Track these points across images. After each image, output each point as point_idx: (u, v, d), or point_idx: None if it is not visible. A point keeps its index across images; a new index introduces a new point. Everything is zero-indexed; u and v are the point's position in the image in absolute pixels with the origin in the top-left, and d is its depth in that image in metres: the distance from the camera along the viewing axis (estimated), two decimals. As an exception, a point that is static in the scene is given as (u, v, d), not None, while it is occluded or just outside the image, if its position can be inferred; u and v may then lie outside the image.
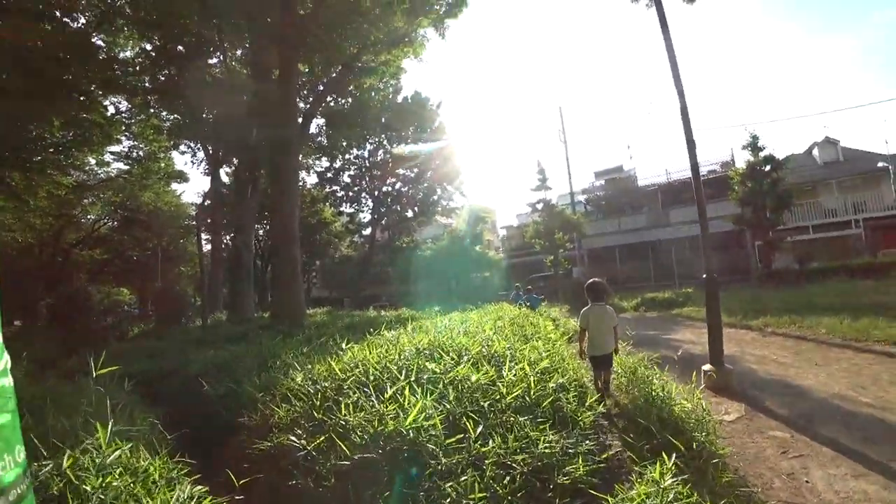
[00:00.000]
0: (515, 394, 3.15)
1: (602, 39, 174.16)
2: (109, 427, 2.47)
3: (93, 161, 22.78)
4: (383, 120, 27.73)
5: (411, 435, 2.55)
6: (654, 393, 3.96)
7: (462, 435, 2.65)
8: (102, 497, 1.96)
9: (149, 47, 18.21)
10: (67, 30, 14.75)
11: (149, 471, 2.35)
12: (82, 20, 15.86)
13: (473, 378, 3.28)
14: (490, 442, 2.61)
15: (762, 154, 19.69)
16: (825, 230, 24.26)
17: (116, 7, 15.63)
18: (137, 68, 17.88)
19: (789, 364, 6.82)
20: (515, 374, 3.51)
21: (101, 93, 17.10)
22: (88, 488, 1.97)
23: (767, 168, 19.56)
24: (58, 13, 14.41)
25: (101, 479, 2.04)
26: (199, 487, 2.37)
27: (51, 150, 18.62)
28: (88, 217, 30.26)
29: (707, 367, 5.83)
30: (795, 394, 5.32)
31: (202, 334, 12.65)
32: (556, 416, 3.22)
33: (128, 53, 18.33)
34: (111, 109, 19.01)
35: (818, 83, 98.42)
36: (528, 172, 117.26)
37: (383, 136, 30.65)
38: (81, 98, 15.93)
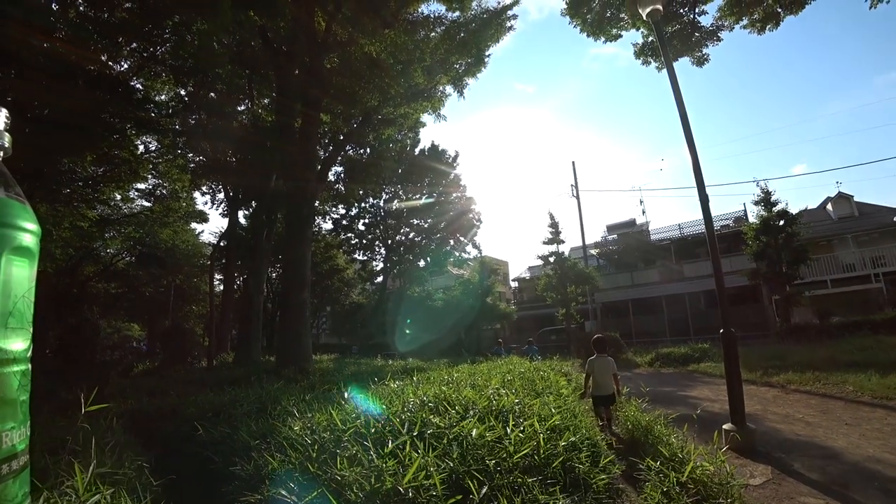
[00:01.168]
0: (524, 452, 2.96)
1: (615, 96, 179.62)
2: (91, 469, 2.33)
3: (118, 196, 23.55)
4: (400, 171, 28.40)
5: (410, 494, 2.37)
6: (671, 454, 3.70)
7: (465, 497, 2.45)
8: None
9: (183, 92, 19.21)
10: (110, 72, 15.61)
11: (127, 520, 2.18)
12: (125, 65, 16.92)
13: (477, 434, 3.08)
14: (495, 504, 2.41)
15: (775, 209, 19.60)
16: (844, 284, 23.69)
17: (157, 56, 16.65)
18: (170, 111, 18.83)
19: (816, 424, 6.40)
20: (524, 431, 3.30)
21: (134, 132, 17.90)
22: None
23: (781, 222, 19.42)
24: (103, 57, 15.36)
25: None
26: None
27: (80, 183, 19.35)
28: (108, 251, 30.86)
29: (728, 426, 5.46)
30: (826, 456, 4.92)
31: (206, 375, 12.50)
32: (568, 478, 3.00)
33: (163, 97, 19.30)
34: (141, 148, 19.82)
35: (828, 139, 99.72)
36: (540, 225, 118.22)
37: (399, 186, 31.29)
38: (115, 136, 16.67)
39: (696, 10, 13.33)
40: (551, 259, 25.54)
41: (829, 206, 29.66)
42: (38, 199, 18.53)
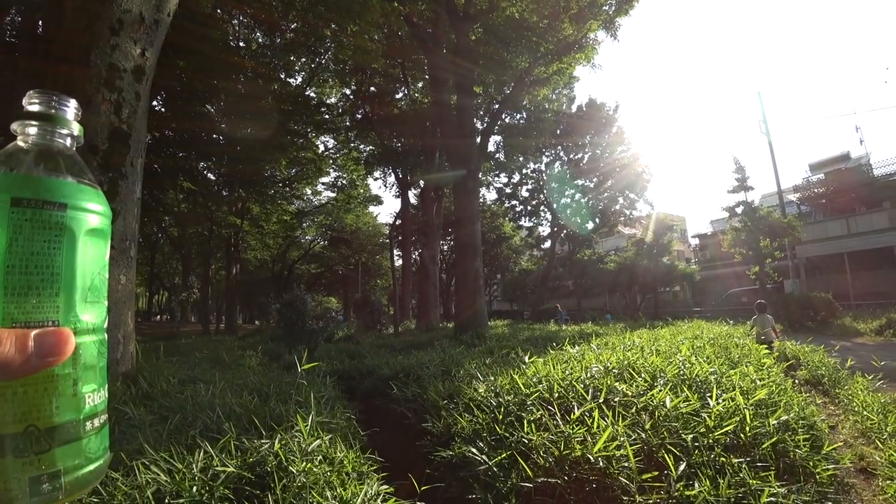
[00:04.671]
0: (726, 429, 2.62)
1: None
2: (311, 418, 2.74)
3: (308, 191, 28.03)
4: (559, 131, 27.36)
5: (601, 464, 2.27)
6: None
7: (660, 472, 2.27)
8: (304, 480, 2.15)
9: (347, 92, 21.38)
10: (288, 88, 18.18)
11: (343, 462, 2.53)
12: (299, 79, 19.55)
13: (671, 405, 2.82)
14: (696, 484, 2.18)
15: None
16: None
17: (322, 64, 18.76)
18: (340, 110, 21.25)
19: None
20: (724, 405, 2.92)
21: (314, 134, 20.68)
22: (294, 470, 2.18)
23: None
24: (282, 75, 17.93)
25: (305, 464, 2.25)
26: (385, 487, 2.46)
27: (279, 184, 23.22)
28: (306, 238, 36.51)
29: None
30: None
31: (393, 340, 13.98)
32: (781, 463, 2.59)
33: (332, 99, 21.79)
34: (321, 147, 22.90)
35: None
36: (723, 173, 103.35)
37: (560, 147, 30.18)
38: (300, 140, 19.45)
39: None
40: (738, 210, 22.14)
41: None
42: (253, 201, 22.94)
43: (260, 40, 17.37)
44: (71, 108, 0.48)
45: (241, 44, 17.06)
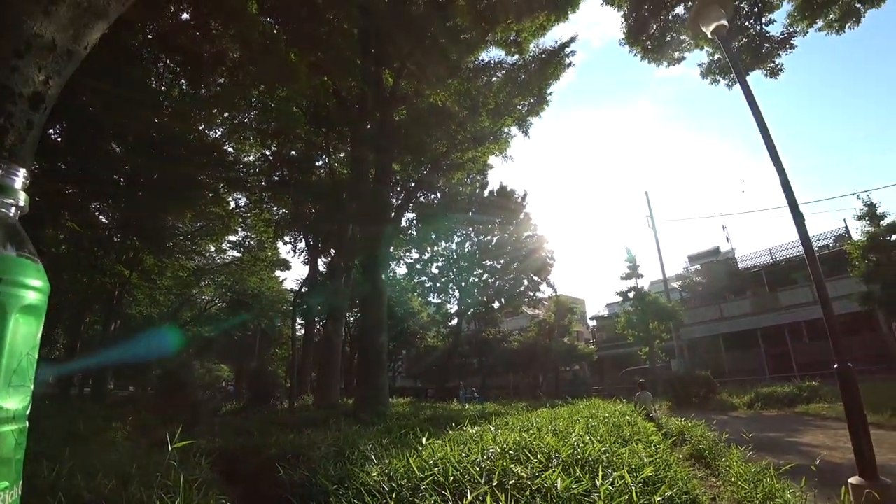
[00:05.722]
0: (615, 508, 2.68)
1: (687, 119, 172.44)
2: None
3: (212, 248, 26.18)
4: (470, 213, 28.77)
5: (492, 552, 2.20)
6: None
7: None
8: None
9: (267, 152, 21.09)
10: (205, 140, 17.55)
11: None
12: (219, 132, 19.00)
13: (562, 486, 2.85)
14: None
15: (884, 222, 17.36)
16: None
17: (245, 123, 18.53)
18: (257, 169, 20.75)
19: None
20: (614, 483, 3.01)
21: (226, 190, 19.84)
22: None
23: (893, 237, 17.15)
24: (201, 127, 17.33)
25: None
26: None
27: (180, 237, 21.61)
28: (203, 297, 33.65)
29: (856, 479, 4.57)
30: None
31: (287, 417, 12.93)
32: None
33: (250, 157, 21.31)
34: (232, 204, 21.90)
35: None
36: (616, 260, 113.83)
37: (470, 228, 31.60)
38: (211, 194, 18.55)
39: (764, 20, 12.68)
40: (630, 295, 24.29)
41: (953, 214, 25.78)
42: (146, 253, 20.96)
43: (184, 88, 16.80)
44: (20, 176, 0.44)
45: (163, 87, 16.32)
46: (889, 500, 4.43)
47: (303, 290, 27.55)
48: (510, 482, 2.95)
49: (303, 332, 27.48)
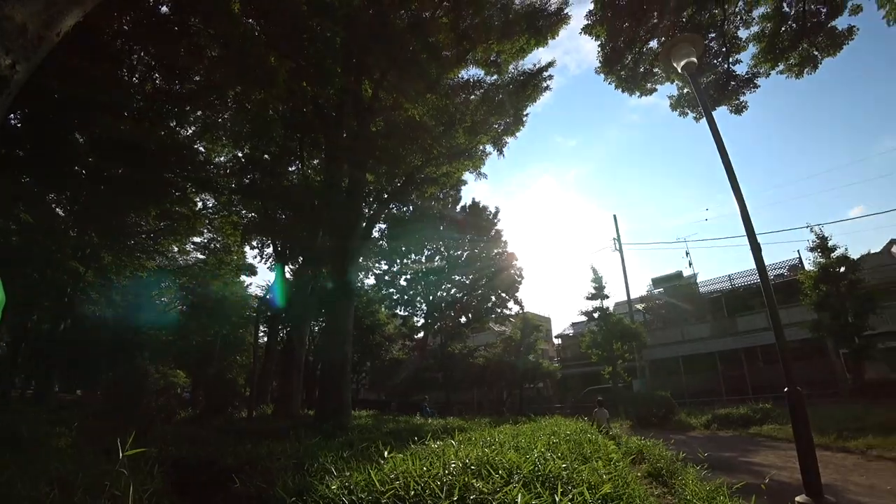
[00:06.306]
0: (573, 525, 2.71)
1: (656, 147, 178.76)
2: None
3: (175, 248, 25.23)
4: (442, 227, 28.85)
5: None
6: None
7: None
8: None
9: (240, 154, 20.64)
10: (175, 137, 17.04)
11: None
12: (190, 130, 18.48)
13: (524, 502, 2.87)
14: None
15: (834, 254, 18.40)
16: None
17: (218, 122, 18.10)
18: (228, 171, 20.23)
19: (911, 499, 5.62)
20: (573, 500, 3.05)
21: (194, 190, 19.26)
22: None
23: (842, 269, 18.18)
24: (173, 123, 16.84)
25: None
26: None
27: (143, 236, 20.80)
28: (162, 299, 32.35)
29: (802, 498, 4.80)
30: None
31: (246, 426, 12.52)
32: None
33: (222, 158, 20.80)
34: (199, 205, 21.25)
35: (885, 178, 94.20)
36: (583, 280, 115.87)
37: (441, 242, 31.65)
38: (178, 193, 17.99)
39: (731, 60, 13.39)
40: (595, 315, 24.80)
41: (895, 249, 27.51)
42: (104, 250, 20.06)
43: (158, 82, 16.25)
44: None
45: (136, 79, 15.74)
46: (832, 519, 4.65)
47: (268, 297, 26.92)
48: (471, 497, 2.95)
49: (265, 339, 26.74)
